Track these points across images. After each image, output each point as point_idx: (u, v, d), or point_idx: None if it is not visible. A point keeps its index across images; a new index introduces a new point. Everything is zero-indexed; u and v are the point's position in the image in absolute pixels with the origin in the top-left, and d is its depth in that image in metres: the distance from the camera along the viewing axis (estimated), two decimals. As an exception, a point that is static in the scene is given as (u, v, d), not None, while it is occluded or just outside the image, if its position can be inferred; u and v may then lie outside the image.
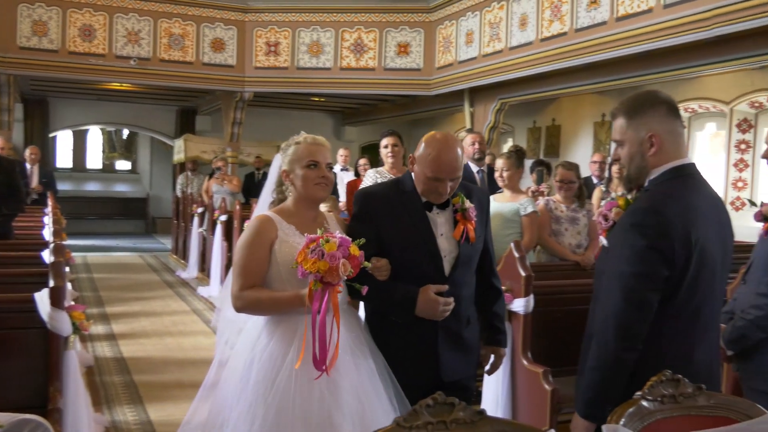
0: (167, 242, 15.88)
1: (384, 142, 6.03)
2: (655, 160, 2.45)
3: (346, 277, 2.53)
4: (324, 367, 2.52)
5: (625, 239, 2.36)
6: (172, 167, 17.74)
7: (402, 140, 6.19)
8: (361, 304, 3.14)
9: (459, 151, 2.81)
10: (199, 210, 11.68)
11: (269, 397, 2.57)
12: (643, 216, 2.34)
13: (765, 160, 3.06)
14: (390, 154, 5.96)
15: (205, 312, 8.71)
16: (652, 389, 1.94)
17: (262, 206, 3.02)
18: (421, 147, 2.84)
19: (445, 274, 2.84)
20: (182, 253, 13.16)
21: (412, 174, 2.91)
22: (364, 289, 2.57)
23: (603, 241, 2.54)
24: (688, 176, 2.44)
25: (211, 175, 12.28)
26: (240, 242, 2.81)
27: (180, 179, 14.35)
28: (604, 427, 1.80)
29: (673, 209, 2.33)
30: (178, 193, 14.07)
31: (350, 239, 2.55)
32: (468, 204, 2.89)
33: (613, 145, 2.59)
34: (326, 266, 2.48)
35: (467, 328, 2.95)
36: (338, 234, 2.58)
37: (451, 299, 2.79)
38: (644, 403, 1.91)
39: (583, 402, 2.38)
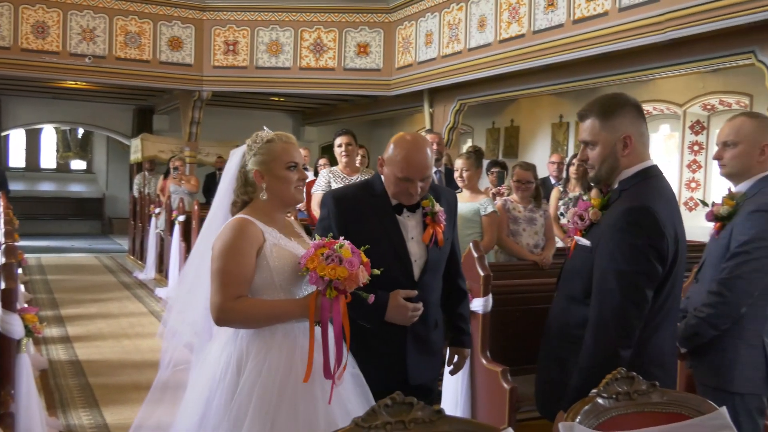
0: (124, 243, 15.66)
1: (338, 141, 6.04)
2: (627, 161, 2.51)
3: (362, 284, 2.42)
4: (335, 378, 2.41)
5: (622, 239, 2.38)
6: (129, 167, 17.50)
7: (356, 139, 6.21)
8: None
9: (429, 151, 2.79)
10: (157, 210, 11.54)
11: (272, 412, 2.39)
12: (639, 215, 2.38)
13: (717, 162, 3.13)
14: (344, 153, 5.97)
15: (162, 313, 8.59)
16: (608, 387, 1.97)
17: (220, 208, 2.72)
18: (390, 148, 2.82)
19: (415, 279, 2.83)
20: (139, 254, 12.99)
21: (382, 176, 2.88)
22: (371, 298, 2.48)
23: (583, 241, 2.56)
24: (657, 177, 2.52)
25: (166, 175, 12.13)
26: (220, 247, 2.49)
27: (137, 179, 14.15)
28: (560, 425, 1.82)
29: (661, 207, 2.40)
30: (135, 194, 13.88)
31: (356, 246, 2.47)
32: (437, 207, 2.87)
33: (571, 146, 2.62)
34: (346, 273, 2.36)
35: (434, 332, 2.95)
36: (344, 240, 2.48)
37: (420, 305, 2.77)
38: (600, 401, 1.94)
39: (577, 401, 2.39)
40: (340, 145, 6.00)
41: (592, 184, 2.74)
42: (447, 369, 3.21)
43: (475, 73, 10.31)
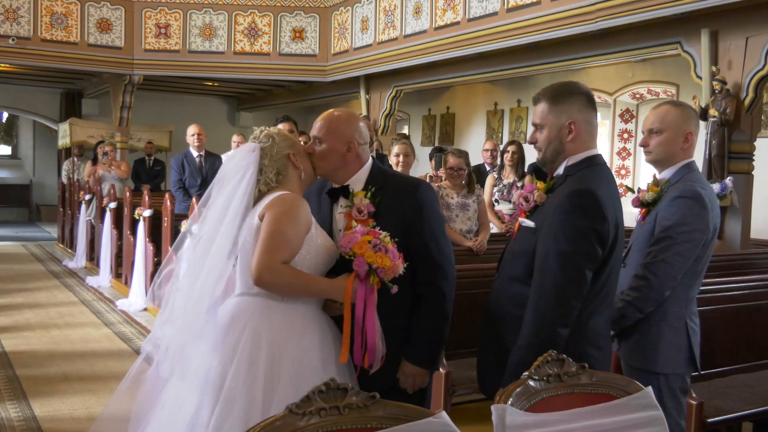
0: (53, 231, 15.20)
1: (280, 127, 5.97)
2: (572, 146, 2.58)
3: (397, 276, 2.51)
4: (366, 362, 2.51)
5: (566, 220, 2.44)
6: (57, 152, 16.96)
7: (297, 126, 6.15)
8: None
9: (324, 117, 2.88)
10: (87, 197, 11.25)
11: (296, 384, 2.44)
12: (583, 198, 2.45)
13: (642, 149, 3.22)
14: None
15: (94, 303, 8.40)
16: (539, 369, 2.01)
17: (239, 208, 2.64)
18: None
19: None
20: (69, 242, 12.65)
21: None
22: (394, 288, 2.52)
23: (527, 222, 2.61)
24: (601, 165, 2.61)
25: (95, 160, 11.81)
26: (281, 212, 2.57)
27: (66, 165, 13.75)
28: (492, 408, 1.85)
29: (604, 192, 2.48)
30: (64, 180, 13.49)
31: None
32: (364, 201, 2.71)
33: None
34: (390, 263, 2.46)
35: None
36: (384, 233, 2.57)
37: None
38: (531, 383, 1.98)
39: (516, 378, 2.43)
40: None
41: (526, 172, 2.79)
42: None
43: (410, 59, 10.35)
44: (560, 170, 2.61)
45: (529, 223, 2.59)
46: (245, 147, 2.78)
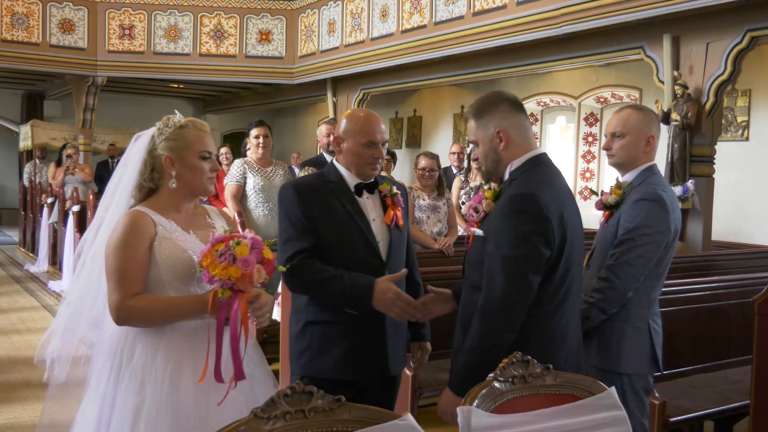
0: (14, 235, 14.92)
1: (254, 132, 5.93)
2: (507, 153, 2.57)
3: (260, 284, 2.27)
4: (230, 381, 2.28)
5: (507, 225, 2.44)
6: (18, 155, 16.65)
7: (271, 131, 6.14)
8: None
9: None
10: (49, 200, 11.07)
11: (168, 416, 2.28)
12: (523, 201, 2.44)
13: (605, 152, 3.26)
14: (261, 145, 5.87)
15: (56, 307, 8.26)
16: (504, 371, 2.02)
17: (123, 196, 2.51)
18: (344, 122, 2.84)
19: (383, 259, 2.78)
20: (31, 245, 12.45)
21: (335, 163, 2.86)
22: (277, 295, 2.40)
23: (477, 231, 2.61)
24: (546, 164, 2.59)
25: (58, 162, 11.64)
26: (113, 243, 2.36)
27: (27, 168, 13.51)
28: (458, 410, 1.86)
29: (547, 193, 2.46)
30: (26, 183, 13.25)
31: (261, 239, 2.30)
32: (396, 190, 2.88)
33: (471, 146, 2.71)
34: (239, 273, 2.19)
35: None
36: (248, 234, 2.33)
37: (404, 293, 2.71)
38: (496, 384, 1.99)
39: (458, 380, 2.44)
40: (257, 137, 5.89)
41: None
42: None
43: (377, 62, 10.36)
44: (505, 177, 2.62)
45: (479, 232, 2.60)
46: (147, 131, 2.54)
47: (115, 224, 2.41)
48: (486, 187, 2.73)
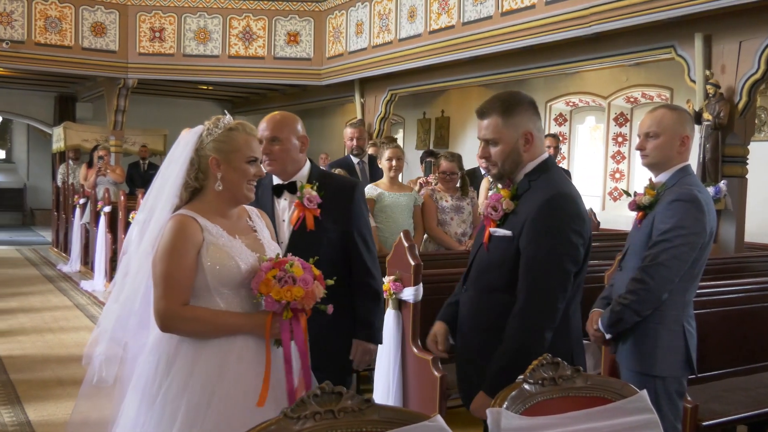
0: (47, 235, 15.16)
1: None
2: (528, 156, 2.61)
3: (319, 300, 2.33)
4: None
5: (548, 224, 2.47)
6: (52, 156, 16.91)
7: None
8: None
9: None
10: (82, 201, 11.22)
11: (200, 421, 2.28)
12: (561, 201, 2.49)
13: (639, 152, 3.22)
14: None
15: (88, 307, 8.37)
16: (534, 373, 2.01)
17: (171, 194, 2.46)
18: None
19: None
20: (63, 246, 12.61)
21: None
22: (330, 308, 2.39)
23: (502, 232, 2.60)
24: (556, 167, 2.68)
25: (90, 164, 11.79)
26: (162, 249, 2.34)
27: (61, 169, 13.71)
28: (488, 411, 1.85)
29: (576, 193, 2.56)
30: (59, 184, 13.44)
31: (302, 258, 2.36)
32: (312, 193, 2.93)
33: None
34: (302, 292, 2.26)
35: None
36: (291, 256, 2.38)
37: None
38: (526, 387, 1.97)
39: (500, 383, 2.42)
40: None
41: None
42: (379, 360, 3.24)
43: (405, 63, 10.34)
44: (518, 178, 2.64)
45: (505, 232, 2.59)
46: (195, 129, 2.52)
47: (163, 228, 2.40)
48: (499, 186, 2.73)
